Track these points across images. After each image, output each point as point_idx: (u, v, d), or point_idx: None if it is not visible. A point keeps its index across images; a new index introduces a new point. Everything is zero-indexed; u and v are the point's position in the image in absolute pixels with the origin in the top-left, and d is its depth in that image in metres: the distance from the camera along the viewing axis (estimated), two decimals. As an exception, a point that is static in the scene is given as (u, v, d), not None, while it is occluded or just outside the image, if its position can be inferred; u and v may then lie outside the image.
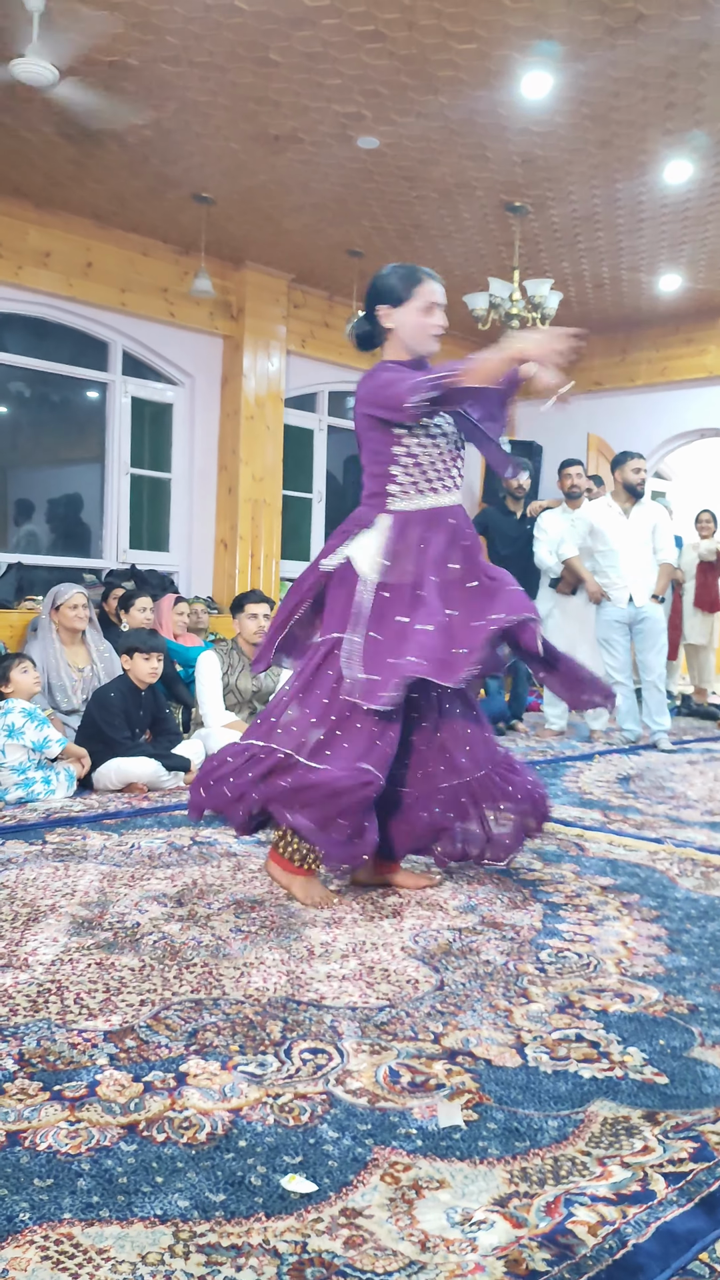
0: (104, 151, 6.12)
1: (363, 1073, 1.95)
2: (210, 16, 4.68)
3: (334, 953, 2.62)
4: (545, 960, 2.60)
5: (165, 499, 8.33)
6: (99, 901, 3.01)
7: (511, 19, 4.62)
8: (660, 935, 2.82)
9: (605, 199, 6.60)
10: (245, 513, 8.25)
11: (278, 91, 5.35)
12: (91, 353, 7.80)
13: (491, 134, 5.77)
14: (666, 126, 5.62)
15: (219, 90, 5.36)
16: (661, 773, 5.65)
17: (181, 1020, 2.17)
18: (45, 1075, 1.91)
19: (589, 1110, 1.82)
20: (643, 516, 6.59)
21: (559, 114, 5.51)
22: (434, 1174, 1.61)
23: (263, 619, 5.46)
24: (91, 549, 8.06)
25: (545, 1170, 1.63)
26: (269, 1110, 1.80)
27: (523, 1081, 1.93)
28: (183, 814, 4.31)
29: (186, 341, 8.11)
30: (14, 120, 5.71)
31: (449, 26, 4.69)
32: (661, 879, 3.41)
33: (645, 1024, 2.21)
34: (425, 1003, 2.30)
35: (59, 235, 7.14)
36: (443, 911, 2.99)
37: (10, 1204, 1.50)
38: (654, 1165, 1.64)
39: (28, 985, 2.34)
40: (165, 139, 5.94)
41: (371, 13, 4.60)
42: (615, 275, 8.07)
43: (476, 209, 6.85)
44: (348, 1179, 1.59)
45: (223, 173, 6.39)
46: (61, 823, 4.10)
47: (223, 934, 2.74)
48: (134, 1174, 1.59)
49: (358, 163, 6.17)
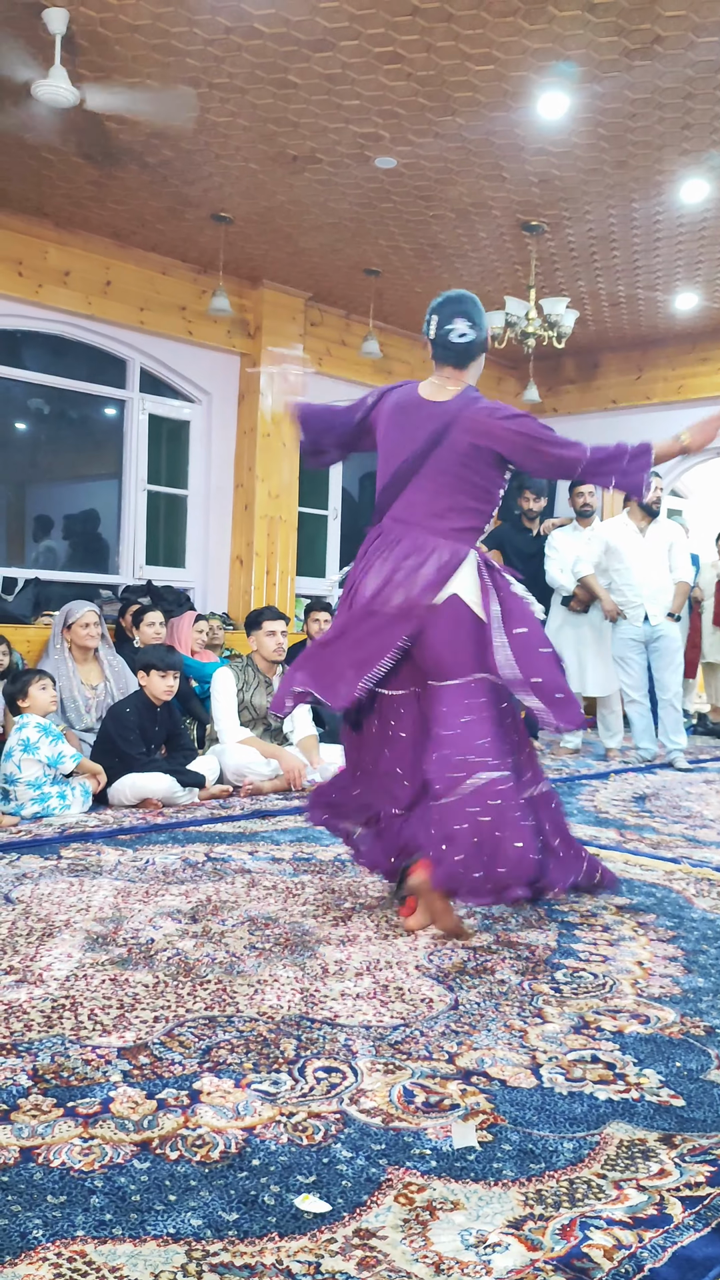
0: (124, 172, 6.17)
1: (377, 1092, 1.94)
2: (230, 39, 4.73)
3: (348, 971, 2.61)
4: (560, 980, 2.59)
5: (182, 515, 8.36)
6: (113, 917, 3.01)
7: (529, 41, 4.65)
8: (677, 956, 2.80)
9: (621, 218, 6.62)
10: (261, 529, 8.27)
11: (296, 113, 5.39)
12: (110, 370, 7.85)
13: (508, 154, 5.79)
14: (683, 147, 5.63)
15: (238, 111, 5.40)
16: (677, 791, 5.62)
17: (195, 1037, 2.17)
18: (59, 1091, 1.91)
19: (605, 1132, 1.81)
20: (659, 535, 6.58)
21: (576, 134, 5.53)
22: (448, 1195, 1.60)
23: (280, 635, 5.47)
24: (108, 565, 8.09)
25: (560, 1193, 1.61)
26: (282, 1129, 1.79)
27: (538, 1102, 1.92)
28: (196, 829, 4.32)
29: (204, 359, 8.15)
30: (35, 141, 5.77)
31: (467, 48, 4.73)
32: (678, 899, 3.39)
33: (661, 1045, 2.19)
34: (440, 1022, 2.29)
35: (79, 254, 7.20)
36: (453, 937, 2.98)
37: (23, 1220, 1.50)
38: (670, 1189, 1.62)
39: (42, 1001, 2.34)
40: (185, 160, 5.99)
41: (390, 35, 4.64)
42: (631, 294, 8.08)
43: (493, 228, 6.88)
44: (361, 1199, 1.58)
45: (241, 193, 6.44)
46: (76, 838, 4.11)
47: (237, 951, 2.74)
48: (147, 1192, 1.58)
49: (375, 182, 6.21)
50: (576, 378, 10.10)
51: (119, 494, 8.00)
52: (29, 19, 4.59)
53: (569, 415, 10.05)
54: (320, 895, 3.32)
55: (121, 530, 7.99)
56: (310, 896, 3.31)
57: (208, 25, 4.62)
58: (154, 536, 8.17)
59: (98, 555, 8.22)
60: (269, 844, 4.04)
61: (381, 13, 4.48)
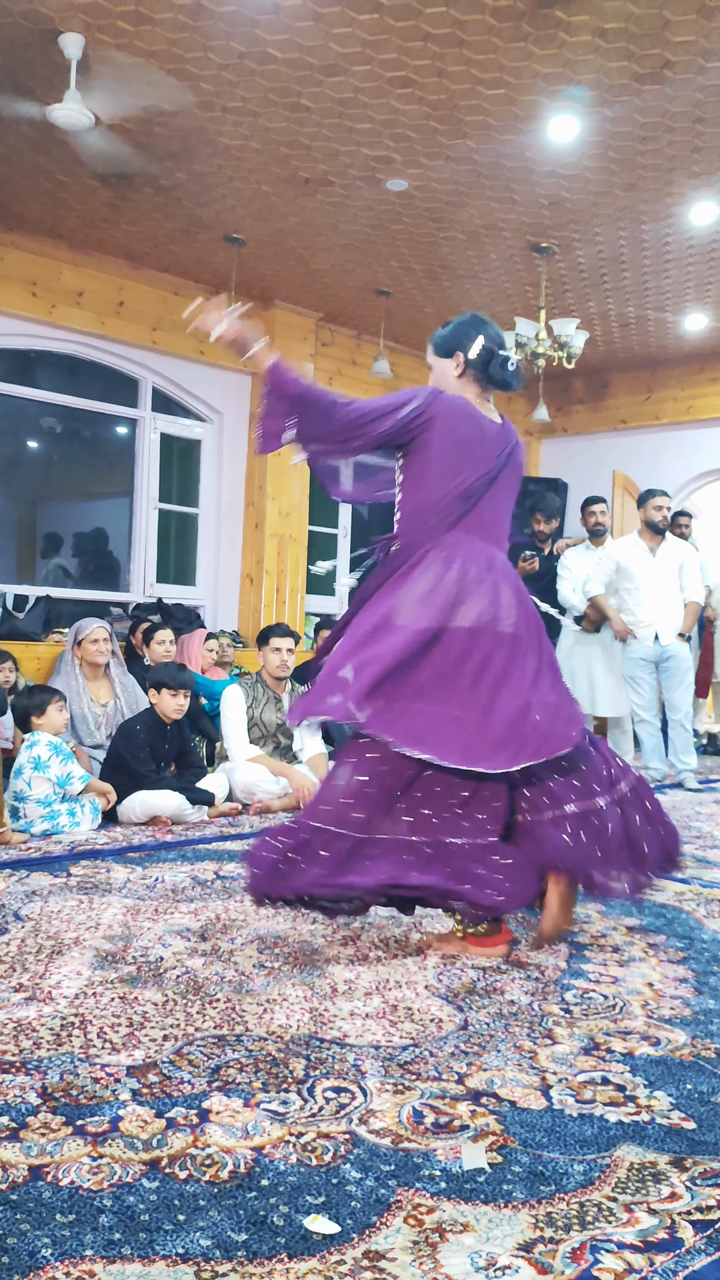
0: (138, 195, 6.24)
1: (386, 1112, 1.93)
2: (244, 64, 4.78)
3: (357, 990, 2.60)
4: (570, 1001, 2.58)
5: (192, 534, 8.40)
6: (122, 935, 3.01)
7: (540, 66, 4.69)
8: (687, 977, 2.79)
9: (631, 240, 6.65)
10: (271, 548, 8.30)
11: (309, 136, 5.44)
12: (122, 389, 7.91)
13: (519, 177, 5.84)
14: (693, 170, 5.67)
15: (251, 135, 5.46)
16: (688, 812, 5.60)
17: (204, 1056, 2.16)
18: (68, 1109, 1.90)
19: (615, 1155, 1.80)
20: (669, 554, 6.58)
21: (586, 158, 5.58)
22: (458, 1217, 1.59)
23: (286, 653, 5.48)
24: (119, 583, 8.13)
25: (571, 1215, 1.61)
26: (292, 1149, 1.79)
27: (548, 1124, 1.91)
28: (205, 847, 4.32)
29: (215, 379, 8.20)
30: (51, 164, 5.83)
31: (478, 73, 4.77)
32: (688, 920, 3.38)
33: (672, 1068, 2.18)
34: (449, 1042, 2.28)
35: (92, 275, 7.27)
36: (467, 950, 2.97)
37: (32, 1239, 1.49)
38: (681, 1212, 1.61)
39: (51, 1018, 2.34)
40: (198, 182, 6.05)
41: (402, 59, 4.69)
42: (641, 315, 8.11)
43: (503, 249, 6.92)
44: (371, 1220, 1.58)
45: (254, 215, 6.50)
46: (86, 855, 4.11)
47: (246, 969, 2.74)
48: (156, 1211, 1.58)
49: (386, 204, 6.26)
50: (586, 398, 10.13)
51: (130, 512, 8.04)
52: (46, 44, 4.65)
53: (578, 435, 10.08)
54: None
55: (132, 548, 8.03)
56: (319, 915, 3.30)
57: (222, 50, 4.68)
58: (165, 554, 8.21)
59: (108, 573, 8.25)
60: (278, 862, 4.03)
61: (394, 38, 4.53)
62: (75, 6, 4.40)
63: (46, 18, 4.48)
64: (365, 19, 4.41)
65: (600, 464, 9.77)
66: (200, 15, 4.43)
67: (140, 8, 4.40)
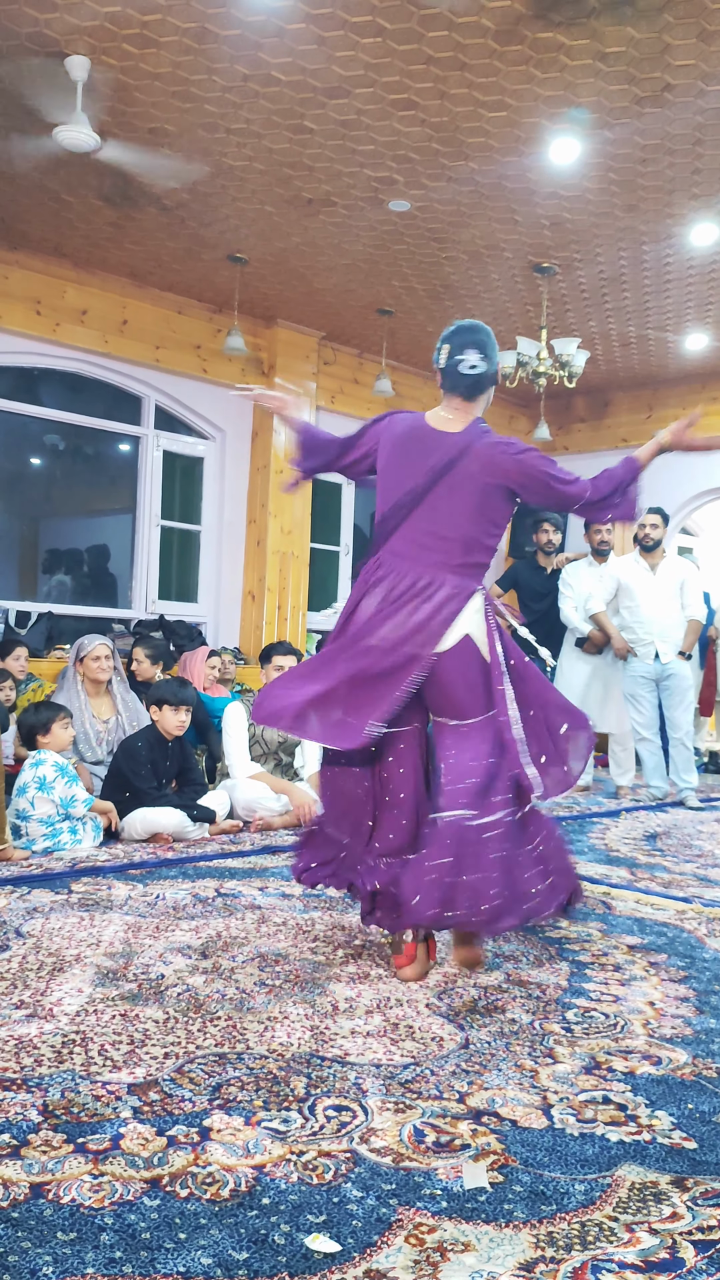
0: (142, 214, 6.28)
1: (387, 1131, 1.93)
2: (248, 86, 4.83)
3: (358, 1008, 2.60)
4: (571, 1020, 2.57)
5: (194, 551, 8.42)
6: (124, 952, 3.01)
7: (541, 89, 4.74)
8: (688, 996, 2.79)
9: (632, 260, 6.70)
10: (273, 565, 8.32)
11: (312, 157, 5.49)
12: (125, 407, 7.94)
13: (520, 198, 5.88)
14: (693, 191, 5.71)
15: (255, 156, 5.51)
16: (689, 830, 5.59)
17: (205, 1074, 2.16)
18: (69, 1127, 1.90)
19: (616, 1174, 1.80)
20: (670, 572, 6.59)
21: (587, 179, 5.62)
22: (459, 1236, 1.59)
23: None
24: (120, 599, 8.14)
25: (572, 1235, 1.60)
26: (293, 1167, 1.79)
27: (549, 1143, 1.91)
28: (207, 865, 4.31)
29: (218, 397, 8.24)
30: (56, 184, 5.88)
31: (480, 95, 4.82)
32: (689, 939, 3.37)
33: (673, 1087, 2.18)
34: (450, 1061, 2.28)
35: (96, 294, 7.31)
36: (467, 968, 2.97)
37: (33, 1257, 1.49)
38: (683, 1233, 1.61)
39: (52, 1036, 2.34)
40: (202, 202, 6.10)
41: (404, 82, 4.73)
42: (642, 334, 8.15)
43: (505, 270, 6.97)
44: (372, 1239, 1.58)
45: (257, 234, 6.54)
46: (87, 872, 4.11)
47: (247, 987, 2.74)
48: (157, 1230, 1.58)
49: (389, 225, 6.31)
50: (587, 416, 10.17)
51: (132, 529, 8.07)
52: (52, 67, 4.70)
53: (580, 454, 10.10)
54: (330, 932, 3.32)
55: (135, 565, 8.05)
56: (320, 933, 3.30)
57: (226, 73, 4.73)
58: (167, 571, 8.23)
59: (110, 590, 8.27)
60: (279, 880, 4.04)
61: (396, 60, 4.57)
62: (81, 29, 4.44)
63: (52, 40, 4.53)
64: (368, 42, 4.45)
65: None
66: (205, 38, 4.48)
67: (146, 31, 4.44)
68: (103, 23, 4.40)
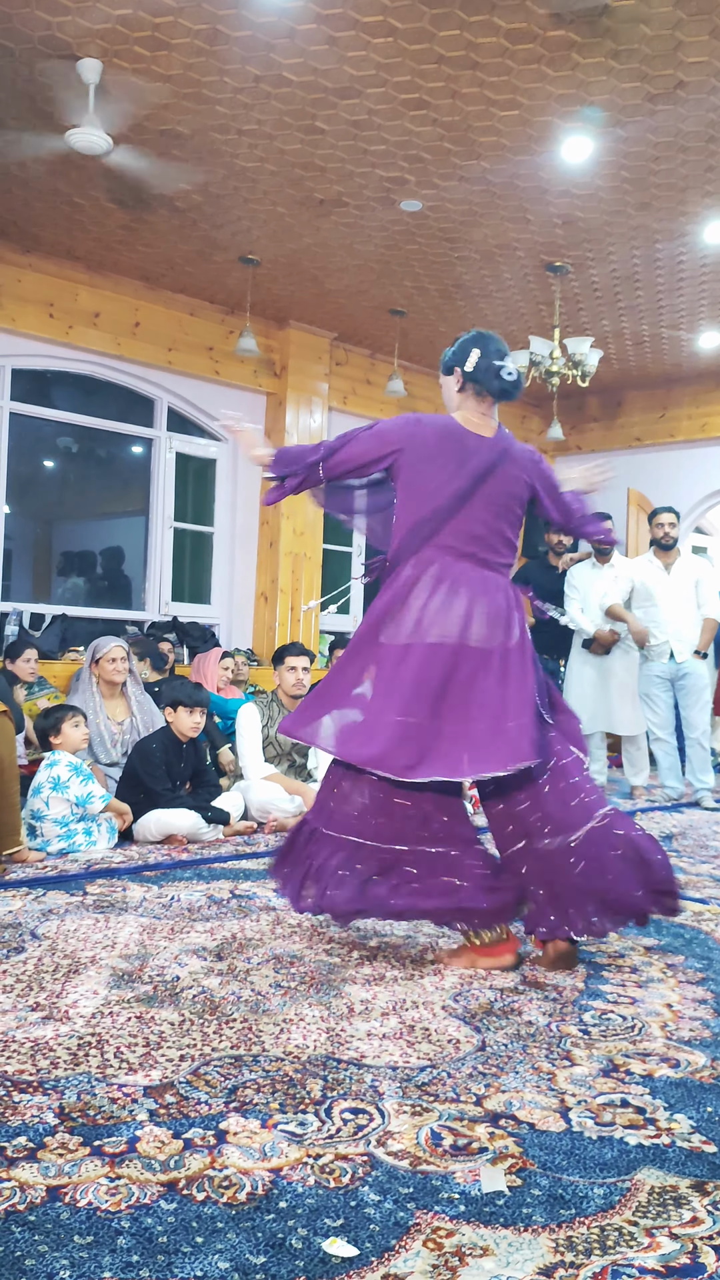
0: (154, 217, 6.29)
1: (404, 1134, 1.92)
2: (259, 87, 4.83)
3: (374, 1010, 2.59)
4: (589, 1022, 2.56)
5: (207, 552, 8.43)
6: (139, 954, 3.01)
7: (553, 87, 4.72)
8: (706, 999, 2.77)
9: (645, 259, 6.67)
10: (286, 566, 8.32)
11: (323, 158, 5.48)
12: (138, 409, 7.96)
13: (532, 197, 5.87)
14: (706, 189, 5.69)
15: (266, 157, 5.50)
16: (704, 831, 5.56)
17: (221, 1076, 2.16)
18: (85, 1130, 1.90)
19: (635, 1178, 1.78)
20: (684, 571, 6.57)
21: (599, 177, 5.60)
22: (477, 1241, 1.58)
23: (301, 671, 5.48)
24: (134, 601, 8.15)
25: (591, 1240, 1.59)
26: (310, 1171, 1.78)
27: (567, 1147, 1.89)
28: (221, 866, 4.31)
29: (231, 398, 8.25)
30: (68, 187, 5.89)
31: (491, 95, 4.80)
32: (707, 940, 3.35)
33: (692, 1090, 2.16)
34: (467, 1063, 2.27)
35: (109, 296, 7.32)
36: (483, 970, 2.96)
37: (50, 1261, 1.49)
38: (703, 1237, 1.60)
39: (68, 1038, 2.34)
40: (214, 204, 6.10)
41: (416, 82, 4.72)
42: (655, 333, 8.12)
43: (517, 269, 6.95)
44: (389, 1244, 1.57)
45: (269, 236, 6.54)
46: (102, 874, 4.11)
47: (262, 989, 2.73)
48: (174, 1233, 1.57)
49: (401, 225, 6.30)
50: (601, 415, 10.14)
51: (146, 531, 8.08)
52: (64, 70, 4.71)
53: (593, 453, 10.08)
54: (345, 933, 3.31)
55: (148, 567, 8.06)
56: (335, 934, 3.29)
57: (237, 74, 4.73)
58: (180, 573, 8.23)
59: (123, 592, 8.28)
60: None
61: (408, 60, 4.56)
62: (93, 32, 4.45)
63: (65, 44, 4.54)
64: (379, 42, 4.45)
65: (615, 481, 9.68)
66: (217, 40, 4.48)
67: (157, 33, 4.45)
68: (114, 25, 4.40)
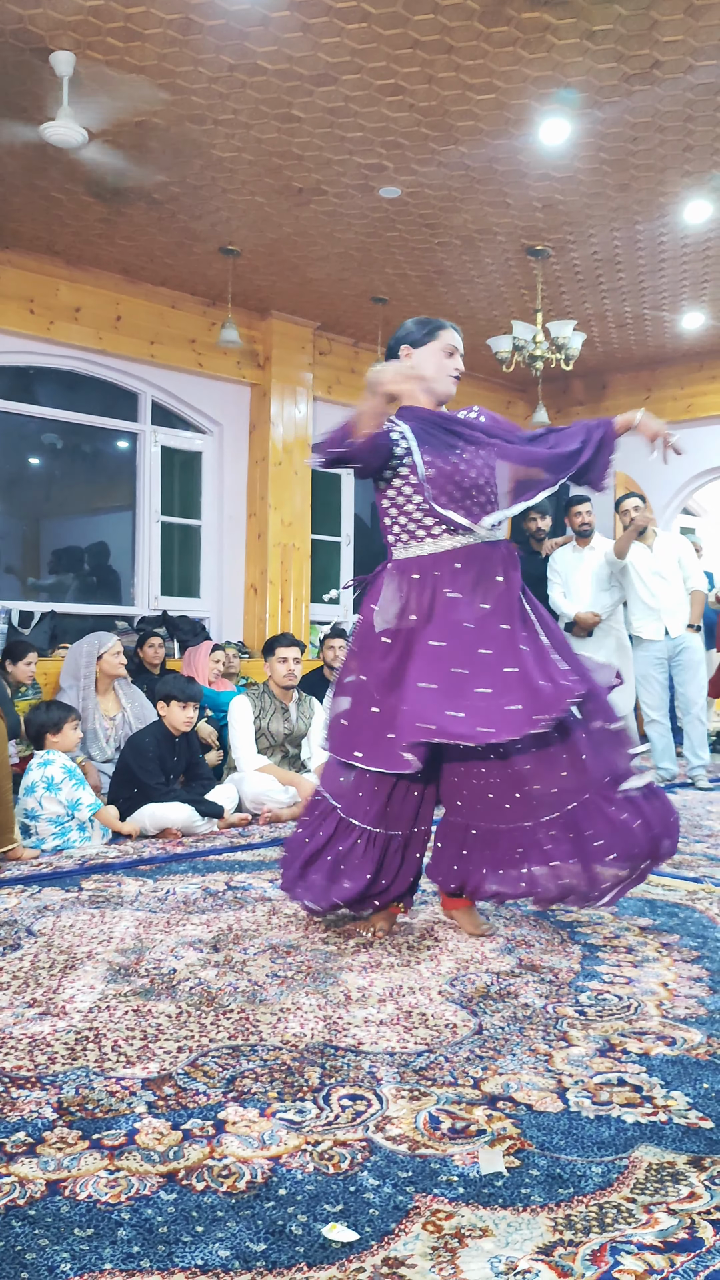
0: (133, 209, 6.26)
1: (402, 1119, 1.93)
2: (234, 76, 4.80)
3: (371, 997, 2.60)
4: (585, 1003, 2.57)
5: (195, 545, 8.41)
6: (135, 948, 3.01)
7: (529, 69, 4.70)
8: (701, 976, 2.78)
9: (626, 240, 6.66)
10: (275, 557, 8.31)
11: (301, 146, 5.46)
12: (122, 404, 7.93)
13: (511, 180, 5.85)
14: (685, 169, 5.67)
15: (244, 146, 5.48)
16: (699, 810, 5.58)
17: (219, 1067, 2.16)
18: (84, 1123, 1.90)
19: (633, 1156, 1.79)
20: (666, 549, 6.60)
21: (578, 159, 5.58)
22: (477, 1222, 1.59)
23: (292, 662, 5.48)
24: (123, 596, 8.14)
25: (590, 1218, 1.60)
26: (309, 1158, 1.78)
27: (565, 1127, 1.90)
28: (216, 858, 4.31)
29: (215, 391, 8.22)
30: (45, 181, 5.86)
31: (467, 79, 4.78)
32: (701, 918, 3.37)
33: (689, 1067, 2.17)
34: (464, 1047, 2.28)
35: (89, 290, 7.29)
36: (480, 954, 2.97)
37: (51, 1254, 1.49)
38: (701, 1212, 1.61)
39: (66, 1033, 2.34)
40: (192, 195, 6.07)
41: (391, 68, 4.70)
42: (638, 314, 8.11)
43: (498, 253, 6.93)
44: (389, 1228, 1.57)
45: (248, 226, 6.52)
46: (97, 869, 4.11)
47: (259, 979, 2.73)
48: (174, 1223, 1.58)
49: (380, 212, 6.27)
50: (585, 399, 10.13)
51: (133, 525, 8.06)
52: (37, 62, 4.68)
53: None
54: (341, 921, 3.31)
55: (136, 562, 8.04)
56: (331, 923, 3.30)
57: (212, 63, 4.70)
58: (169, 567, 8.22)
59: (113, 587, 8.26)
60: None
61: (383, 46, 4.54)
62: (65, 24, 4.42)
63: (37, 36, 4.51)
64: (354, 28, 4.43)
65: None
66: (190, 29, 4.45)
67: (130, 24, 4.42)
68: (86, 17, 4.37)
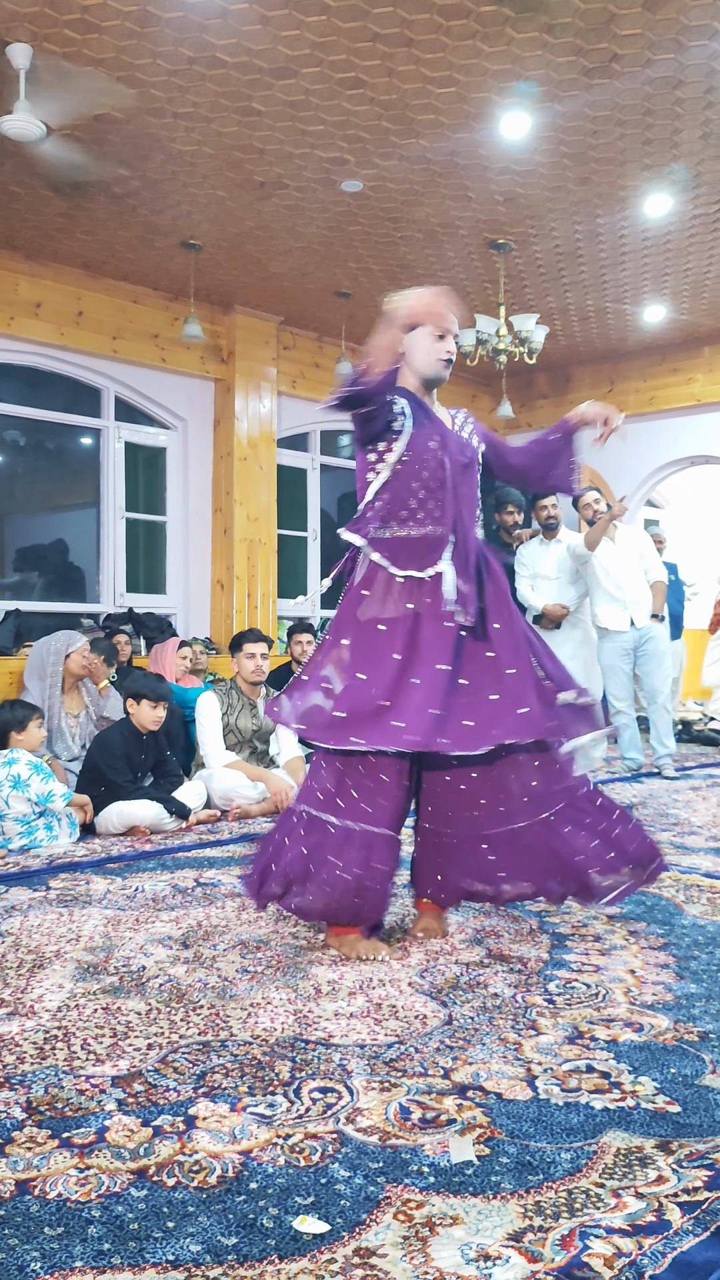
0: (93, 203, 6.21)
1: (373, 1110, 1.93)
2: (193, 69, 4.77)
3: (341, 990, 2.60)
4: (554, 991, 2.59)
5: (161, 542, 8.37)
6: (104, 946, 3.00)
7: (489, 63, 4.71)
8: (668, 963, 2.81)
9: (587, 233, 6.69)
10: (241, 553, 8.28)
11: (262, 139, 5.44)
12: (84, 400, 7.87)
13: (473, 174, 5.86)
14: (645, 162, 5.71)
15: (204, 140, 5.45)
16: (664, 800, 5.63)
17: (189, 1063, 2.16)
18: (54, 1122, 1.90)
19: (602, 1141, 1.81)
20: (628, 541, 6.66)
21: (539, 153, 5.60)
22: (447, 1210, 1.60)
23: (260, 658, 5.47)
24: (88, 594, 8.08)
25: (559, 1203, 1.61)
26: (279, 1151, 1.79)
27: (534, 1114, 1.92)
28: (185, 855, 4.30)
29: (178, 386, 8.18)
30: (3, 176, 5.80)
31: (428, 72, 4.78)
32: (668, 906, 3.40)
33: (656, 1053, 2.19)
34: (434, 1038, 2.29)
35: (50, 286, 7.23)
36: (449, 946, 2.98)
37: (21, 1254, 1.49)
38: (668, 1195, 1.63)
39: (34, 1032, 2.33)
40: (153, 189, 6.03)
41: (351, 60, 4.69)
42: (600, 308, 8.16)
43: (461, 247, 6.95)
44: (360, 1218, 1.58)
45: (210, 220, 6.48)
46: (65, 868, 4.09)
47: (229, 975, 2.73)
48: (145, 1220, 1.58)
49: (342, 206, 6.27)
50: (549, 392, 10.18)
51: (98, 522, 8.01)
52: (-7, 55, 4.63)
53: (543, 429, 10.11)
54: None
55: (101, 558, 7.99)
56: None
57: (171, 56, 4.67)
58: (134, 564, 8.17)
59: (78, 585, 8.21)
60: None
61: (342, 39, 4.53)
62: (21, 16, 4.37)
63: (-7, 28, 4.46)
64: (313, 21, 4.41)
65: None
66: (148, 21, 4.42)
67: (87, 16, 4.38)
68: (43, 9, 4.33)
